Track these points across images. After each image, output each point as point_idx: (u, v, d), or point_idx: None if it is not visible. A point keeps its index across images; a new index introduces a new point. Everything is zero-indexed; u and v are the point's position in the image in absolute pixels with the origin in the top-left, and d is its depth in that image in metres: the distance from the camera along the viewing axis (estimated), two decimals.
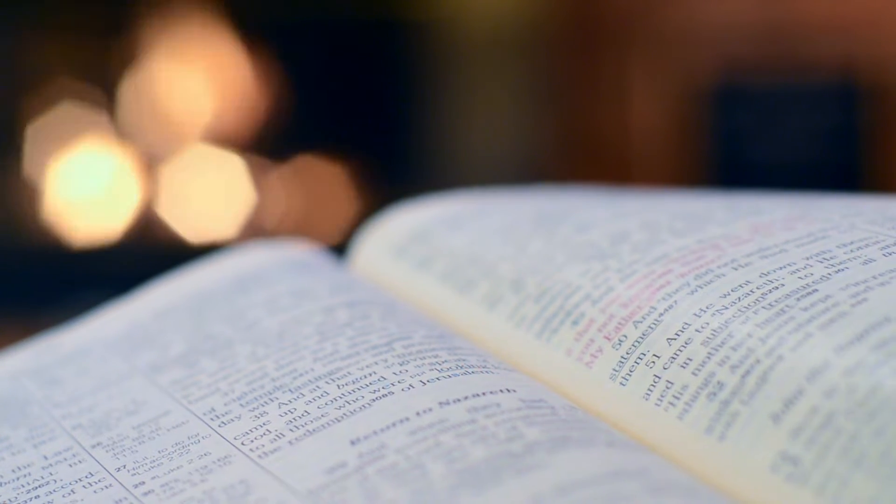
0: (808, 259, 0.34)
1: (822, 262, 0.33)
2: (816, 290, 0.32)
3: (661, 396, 0.32)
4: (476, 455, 0.29)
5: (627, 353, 0.33)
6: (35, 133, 1.68)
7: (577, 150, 1.74)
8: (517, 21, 1.69)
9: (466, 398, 0.32)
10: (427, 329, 0.37)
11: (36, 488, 0.33)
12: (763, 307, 0.32)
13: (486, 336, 0.37)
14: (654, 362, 0.32)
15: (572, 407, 0.32)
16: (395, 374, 0.34)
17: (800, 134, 1.63)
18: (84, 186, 1.70)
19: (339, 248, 0.49)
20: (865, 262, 0.33)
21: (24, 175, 1.67)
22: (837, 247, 0.34)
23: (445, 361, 0.34)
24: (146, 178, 1.69)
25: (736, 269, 0.34)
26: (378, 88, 1.74)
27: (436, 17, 1.70)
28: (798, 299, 0.32)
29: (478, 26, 1.69)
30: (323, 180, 1.71)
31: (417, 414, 0.31)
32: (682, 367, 0.32)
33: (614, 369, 0.33)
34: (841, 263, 0.33)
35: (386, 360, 0.34)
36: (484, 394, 0.32)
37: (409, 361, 0.34)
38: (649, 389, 0.32)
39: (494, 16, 1.69)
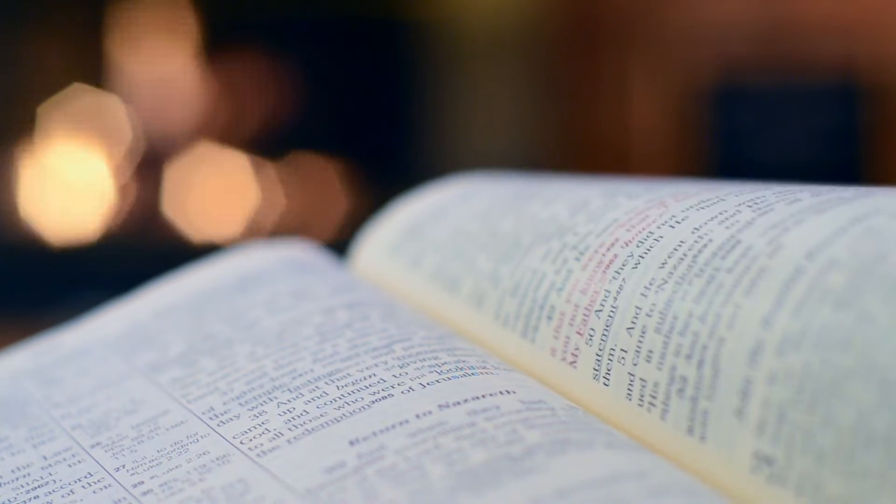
0: (738, 206, 0.33)
1: (751, 206, 0.33)
2: (739, 242, 0.31)
3: (641, 396, 0.32)
4: (475, 458, 0.29)
5: (600, 350, 0.33)
6: (35, 132, 1.68)
7: (577, 149, 1.74)
8: (517, 21, 1.69)
9: (466, 401, 0.32)
10: (427, 330, 0.37)
11: (35, 488, 0.33)
12: (695, 274, 0.32)
13: (480, 336, 0.37)
14: (623, 358, 0.32)
15: (572, 407, 0.32)
16: (394, 376, 0.34)
17: (800, 134, 1.63)
18: (83, 186, 1.69)
19: (339, 248, 0.49)
20: (791, 203, 0.32)
21: (24, 174, 1.67)
22: (773, 193, 0.33)
23: (445, 363, 0.34)
24: (147, 178, 1.68)
25: (673, 226, 0.34)
26: (378, 88, 1.74)
27: (436, 17, 1.70)
28: (723, 258, 0.31)
29: (478, 26, 1.69)
30: (323, 179, 1.71)
31: (417, 416, 0.31)
32: (647, 361, 0.32)
33: (594, 368, 0.33)
34: (769, 206, 0.32)
35: (386, 363, 0.34)
36: (484, 396, 0.32)
37: (408, 363, 0.34)
38: (629, 389, 0.32)
39: (494, 16, 1.69)
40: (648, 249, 0.34)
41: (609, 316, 0.33)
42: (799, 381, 0.28)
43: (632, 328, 0.32)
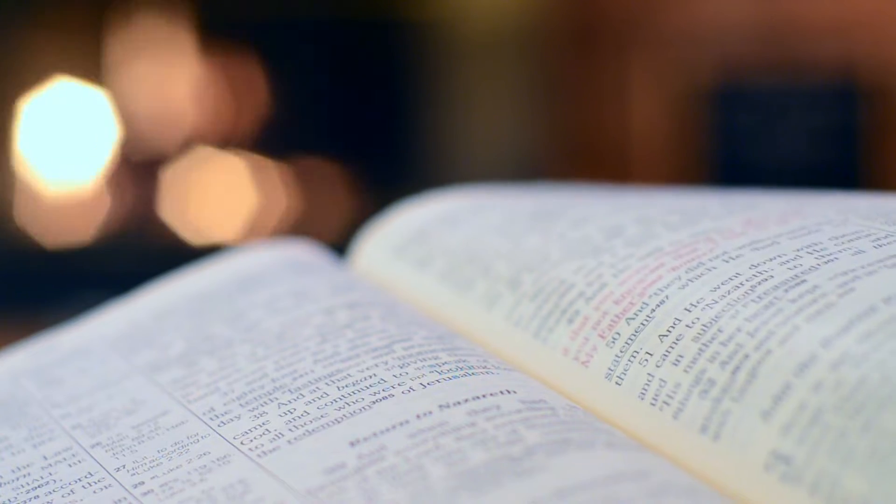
0: (798, 251, 0.34)
1: (812, 253, 0.33)
2: (805, 281, 0.32)
3: (656, 396, 0.32)
4: (476, 458, 0.29)
5: (621, 352, 0.33)
6: (33, 133, 1.68)
7: (577, 150, 1.74)
8: (517, 21, 1.69)
9: (467, 401, 0.32)
10: (427, 330, 0.37)
11: (35, 488, 0.33)
12: (752, 300, 0.32)
13: (485, 336, 0.38)
14: (647, 360, 0.33)
15: (572, 407, 0.32)
16: (395, 376, 0.34)
17: (800, 134, 1.63)
18: (83, 185, 1.70)
19: (339, 248, 0.49)
20: (855, 253, 0.33)
21: (22, 175, 1.67)
22: (829, 239, 0.34)
23: (446, 363, 0.34)
24: (147, 179, 1.69)
25: (727, 261, 0.34)
26: (378, 88, 1.74)
27: (436, 17, 1.70)
28: (786, 290, 0.32)
29: (477, 26, 1.69)
30: (322, 180, 1.71)
31: (417, 417, 0.31)
32: (674, 364, 0.32)
33: (609, 368, 0.33)
34: (831, 255, 0.33)
35: (386, 363, 0.34)
36: (484, 396, 0.32)
37: (409, 363, 0.34)
38: (644, 388, 0.32)
39: (494, 16, 1.69)
40: (699, 276, 0.34)
41: (642, 324, 0.34)
42: (850, 391, 0.28)
43: (665, 335, 0.33)
